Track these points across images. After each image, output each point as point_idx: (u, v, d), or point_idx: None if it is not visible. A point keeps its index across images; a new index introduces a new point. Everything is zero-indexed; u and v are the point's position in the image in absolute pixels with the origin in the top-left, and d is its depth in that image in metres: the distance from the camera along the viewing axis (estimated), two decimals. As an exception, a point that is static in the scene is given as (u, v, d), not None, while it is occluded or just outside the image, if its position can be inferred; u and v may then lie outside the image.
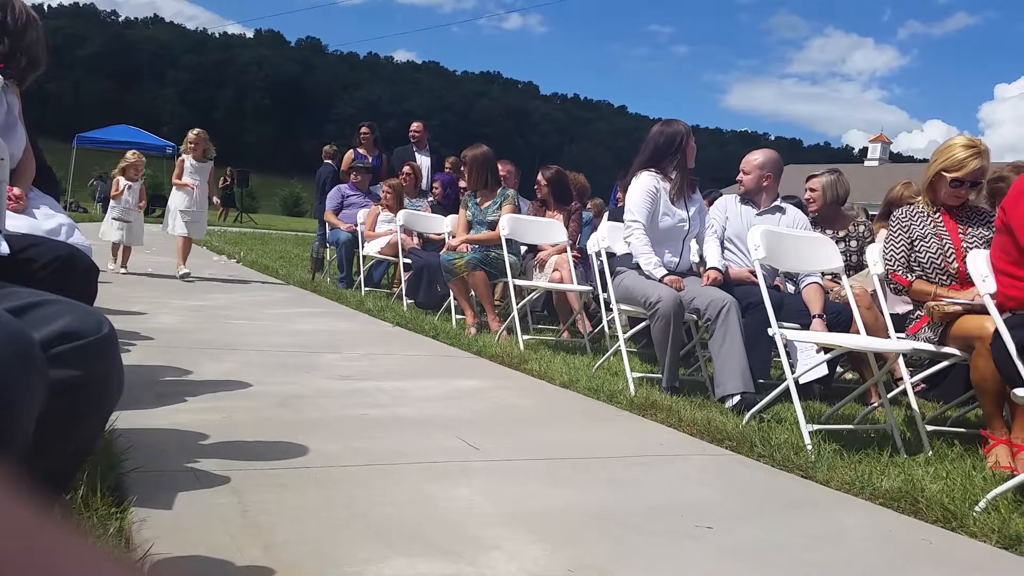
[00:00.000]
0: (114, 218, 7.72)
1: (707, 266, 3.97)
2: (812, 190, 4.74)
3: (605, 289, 4.18)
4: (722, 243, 4.23)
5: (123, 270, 7.68)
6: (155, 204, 17.40)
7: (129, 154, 8.10)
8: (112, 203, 7.89)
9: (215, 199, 8.08)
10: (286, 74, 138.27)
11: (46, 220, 2.59)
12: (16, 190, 2.38)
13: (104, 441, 2.04)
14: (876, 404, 3.55)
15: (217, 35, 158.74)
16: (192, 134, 8.07)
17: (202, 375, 3.42)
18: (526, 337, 4.94)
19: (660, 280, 3.79)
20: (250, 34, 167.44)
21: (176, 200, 7.86)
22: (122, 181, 7.82)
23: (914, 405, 3.28)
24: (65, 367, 1.09)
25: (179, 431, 2.52)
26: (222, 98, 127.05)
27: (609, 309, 4.16)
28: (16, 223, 2.31)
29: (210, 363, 3.67)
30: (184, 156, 8.01)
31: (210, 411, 2.81)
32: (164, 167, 21.81)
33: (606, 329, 5.02)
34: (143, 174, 8.21)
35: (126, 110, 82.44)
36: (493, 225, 5.46)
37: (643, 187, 3.99)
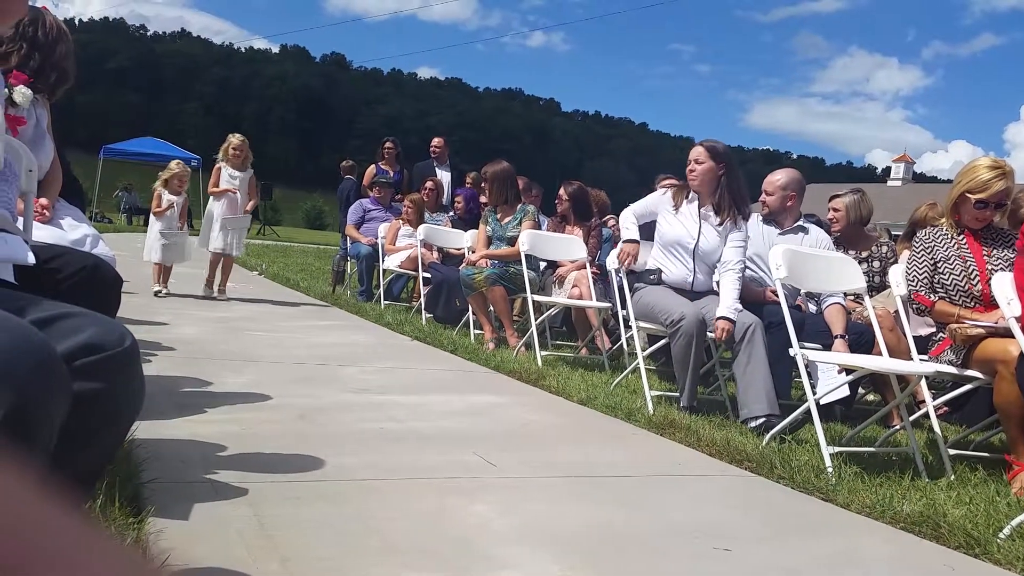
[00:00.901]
0: (164, 244, 6.75)
1: (718, 314, 3.69)
2: (835, 210, 4.70)
3: (624, 306, 4.16)
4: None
5: (163, 289, 6.82)
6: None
7: (173, 164, 7.08)
8: (154, 220, 6.87)
9: (247, 209, 7.18)
10: (311, 89, 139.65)
11: (71, 231, 2.63)
12: (43, 201, 2.42)
13: (123, 451, 2.06)
14: (898, 427, 3.50)
15: (243, 50, 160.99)
16: (236, 139, 7.08)
17: (222, 387, 3.44)
18: (544, 353, 4.93)
19: (624, 243, 4.05)
20: (276, 49, 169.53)
21: (215, 210, 7.00)
22: (165, 196, 6.86)
23: (936, 428, 3.24)
24: (87, 379, 1.10)
25: (198, 442, 2.54)
26: (247, 112, 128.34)
27: (628, 326, 4.14)
28: (42, 233, 2.35)
29: (230, 375, 3.70)
30: (221, 165, 7.04)
31: (229, 423, 2.83)
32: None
33: (624, 346, 5.00)
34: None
35: (152, 123, 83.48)
36: (513, 241, 5.47)
37: (649, 195, 4.27)
